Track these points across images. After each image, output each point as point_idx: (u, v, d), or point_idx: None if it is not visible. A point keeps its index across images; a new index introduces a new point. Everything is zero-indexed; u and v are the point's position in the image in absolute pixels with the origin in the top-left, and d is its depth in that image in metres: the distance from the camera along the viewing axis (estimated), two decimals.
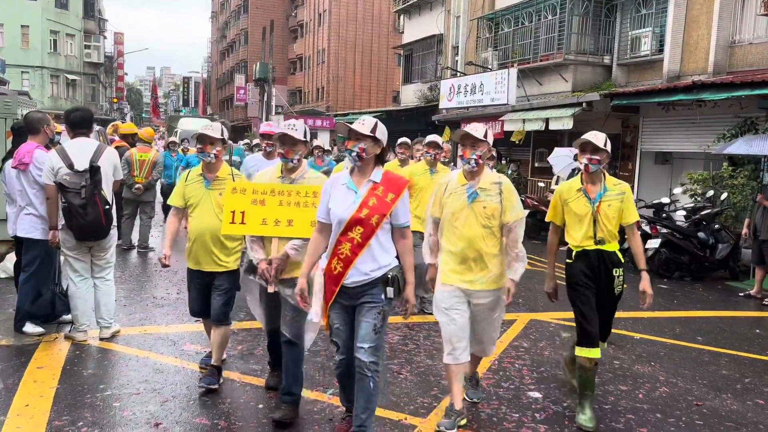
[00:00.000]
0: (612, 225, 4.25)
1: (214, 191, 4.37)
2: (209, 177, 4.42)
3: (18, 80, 38.72)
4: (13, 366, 4.76)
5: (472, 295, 3.98)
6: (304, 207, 3.91)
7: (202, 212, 4.37)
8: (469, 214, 3.91)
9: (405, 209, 3.56)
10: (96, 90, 50.99)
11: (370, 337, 3.44)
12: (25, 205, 5.37)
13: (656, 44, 14.65)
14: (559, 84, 16.76)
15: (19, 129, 5.87)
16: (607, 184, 4.30)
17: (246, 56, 58.09)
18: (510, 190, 3.96)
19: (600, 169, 4.24)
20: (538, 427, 4.15)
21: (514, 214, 3.92)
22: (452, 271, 3.99)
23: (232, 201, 3.99)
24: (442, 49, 24.14)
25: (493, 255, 3.96)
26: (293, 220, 3.92)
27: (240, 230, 4.04)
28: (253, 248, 4.07)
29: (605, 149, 4.21)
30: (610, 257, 4.24)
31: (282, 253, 3.96)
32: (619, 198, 4.26)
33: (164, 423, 3.91)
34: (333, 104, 45.26)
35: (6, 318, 5.86)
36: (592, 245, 4.23)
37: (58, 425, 3.81)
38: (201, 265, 4.43)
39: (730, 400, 4.76)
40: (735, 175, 10.91)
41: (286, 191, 3.95)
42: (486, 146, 3.93)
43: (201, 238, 4.36)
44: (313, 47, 50.17)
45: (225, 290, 4.45)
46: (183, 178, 4.56)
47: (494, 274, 3.97)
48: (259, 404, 4.25)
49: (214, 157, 4.38)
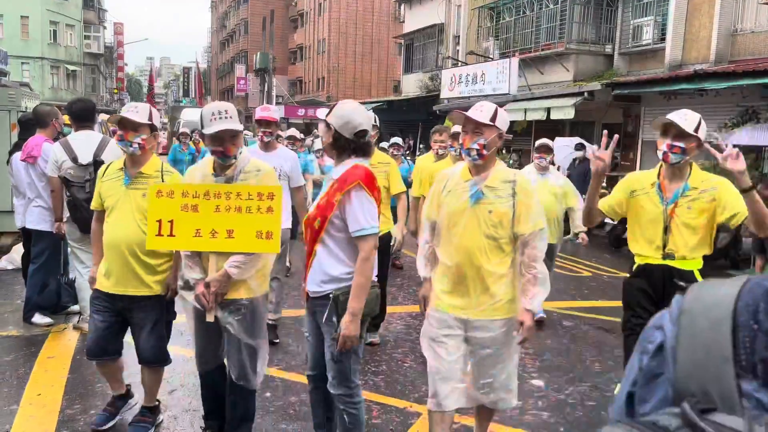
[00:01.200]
0: (691, 235, 3.32)
1: (135, 191, 3.43)
2: (131, 173, 3.46)
3: (18, 71, 38.65)
4: (24, 356, 4.84)
5: (468, 325, 3.02)
6: (247, 213, 3.13)
7: (120, 217, 3.43)
8: (471, 219, 2.99)
9: (357, 214, 2.81)
10: (96, 81, 50.93)
11: (332, 367, 2.94)
12: (34, 197, 5.43)
13: (658, 33, 14.63)
14: (561, 73, 16.75)
15: (27, 122, 5.92)
16: (692, 180, 3.36)
17: (246, 46, 57.91)
18: (527, 193, 3.00)
19: (686, 160, 3.30)
20: (541, 414, 4.22)
21: (531, 224, 2.96)
22: (445, 293, 3.08)
23: (158, 207, 3.16)
24: (443, 39, 24.11)
25: (498, 275, 2.99)
26: (234, 231, 3.14)
27: (169, 244, 3.24)
28: (189, 265, 3.28)
29: (695, 135, 3.24)
30: (682, 277, 3.22)
31: (221, 273, 3.16)
32: (707, 196, 3.29)
33: (173, 411, 3.98)
34: (333, 94, 45.17)
35: (14, 309, 5.94)
36: (659, 259, 3.36)
37: (70, 414, 3.89)
38: (116, 286, 3.44)
39: None
40: None
41: (224, 193, 3.13)
42: (495, 132, 2.98)
43: (116, 250, 3.40)
44: (313, 37, 50.01)
45: (154, 322, 3.53)
46: (100, 173, 3.62)
47: (499, 301, 3.00)
48: (266, 392, 4.32)
49: (139, 147, 3.41)
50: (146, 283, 3.46)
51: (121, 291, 3.45)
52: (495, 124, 2.96)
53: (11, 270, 7.43)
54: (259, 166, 3.36)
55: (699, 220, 3.27)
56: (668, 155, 3.25)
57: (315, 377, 3.14)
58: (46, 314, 5.58)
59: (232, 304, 3.23)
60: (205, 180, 3.26)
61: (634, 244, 3.52)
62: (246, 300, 3.26)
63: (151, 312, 3.51)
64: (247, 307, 3.27)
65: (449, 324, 3.03)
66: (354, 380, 3.00)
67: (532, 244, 2.96)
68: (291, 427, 3.83)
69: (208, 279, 3.18)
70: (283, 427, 3.83)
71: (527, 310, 2.96)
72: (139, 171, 3.47)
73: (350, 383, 2.98)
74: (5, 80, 15.27)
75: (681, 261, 3.30)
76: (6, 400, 4.07)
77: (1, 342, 5.14)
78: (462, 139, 3.02)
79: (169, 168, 3.62)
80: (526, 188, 3.00)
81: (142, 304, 3.48)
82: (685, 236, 3.30)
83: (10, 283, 6.92)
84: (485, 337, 3.00)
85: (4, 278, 7.14)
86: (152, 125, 3.49)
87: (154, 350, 3.56)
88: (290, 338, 5.49)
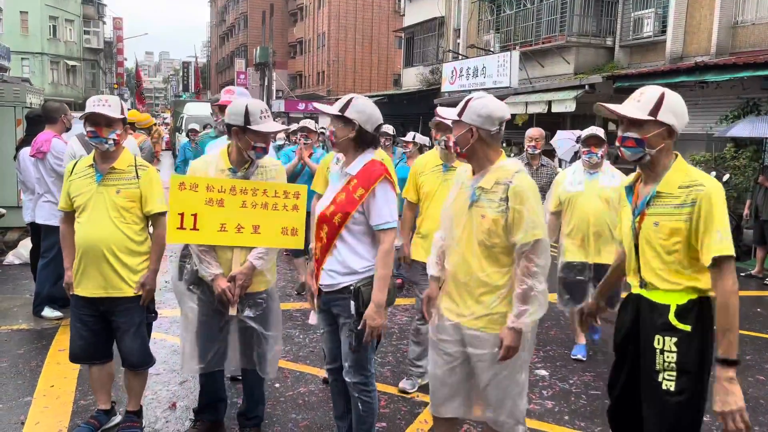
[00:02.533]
0: (660, 258, 2.42)
1: (109, 188, 3.30)
2: (102, 168, 3.32)
3: (18, 67, 38.63)
4: (36, 348, 4.91)
5: (463, 333, 2.77)
6: (273, 210, 3.19)
7: (94, 216, 3.29)
8: (468, 223, 2.73)
9: (382, 208, 2.88)
10: (96, 76, 50.90)
11: (348, 357, 3.00)
12: (44, 192, 5.48)
13: (659, 25, 14.65)
14: (562, 66, 16.77)
15: (34, 118, 5.97)
16: (665, 184, 2.42)
17: (246, 40, 57.86)
18: (520, 198, 2.60)
19: (652, 155, 2.44)
20: (546, 403, 4.29)
21: (522, 234, 2.58)
22: (444, 295, 2.89)
23: (180, 200, 3.15)
24: (443, 32, 24.10)
25: (492, 287, 2.68)
26: (260, 226, 3.19)
27: (191, 238, 3.20)
28: (204, 260, 3.22)
29: (654, 119, 2.42)
30: (651, 311, 2.45)
31: (247, 266, 3.20)
32: (682, 211, 2.34)
33: (185, 402, 4.05)
34: (333, 88, 45.16)
35: (23, 303, 6.01)
36: (636, 287, 2.55)
37: (84, 404, 3.96)
38: (97, 288, 3.33)
39: None
40: (737, 156, 11.00)
41: (251, 189, 3.18)
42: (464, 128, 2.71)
43: (92, 252, 3.27)
44: (313, 30, 49.95)
45: (137, 325, 3.43)
46: (67, 170, 3.45)
47: (495, 314, 2.69)
48: (275, 383, 4.38)
49: (114, 143, 3.30)
50: (127, 283, 3.35)
51: (101, 294, 3.33)
52: (462, 119, 2.70)
53: (18, 264, 7.50)
54: (274, 162, 3.43)
55: (668, 237, 2.37)
56: (621, 150, 2.49)
57: (335, 370, 3.19)
58: (56, 308, 5.64)
59: (252, 298, 3.28)
60: (221, 174, 3.26)
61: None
62: (264, 293, 3.36)
63: (134, 314, 3.41)
64: (265, 299, 3.36)
65: (446, 329, 2.83)
66: (370, 369, 3.08)
67: (528, 257, 2.58)
68: (301, 417, 3.89)
69: (234, 273, 3.20)
70: (293, 417, 3.90)
71: (510, 329, 2.59)
72: (111, 167, 3.33)
73: (366, 372, 3.05)
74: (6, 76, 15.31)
75: (653, 292, 2.44)
76: (20, 391, 4.14)
77: (13, 335, 5.21)
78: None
79: (142, 162, 3.47)
80: (519, 192, 2.60)
81: (123, 307, 3.37)
82: (649, 258, 2.44)
83: (17, 277, 6.98)
84: (479, 350, 2.72)
85: (11, 273, 7.20)
86: (124, 119, 3.38)
87: (139, 353, 3.47)
88: (298, 330, 5.56)
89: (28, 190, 5.89)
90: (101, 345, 3.48)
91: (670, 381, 2.38)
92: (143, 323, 3.49)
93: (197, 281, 3.29)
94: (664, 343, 2.38)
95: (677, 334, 2.36)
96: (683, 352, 2.37)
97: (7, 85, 8.81)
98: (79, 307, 3.40)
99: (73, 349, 3.49)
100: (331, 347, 3.17)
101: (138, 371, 3.54)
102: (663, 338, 2.38)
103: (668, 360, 2.37)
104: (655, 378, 2.40)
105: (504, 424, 2.78)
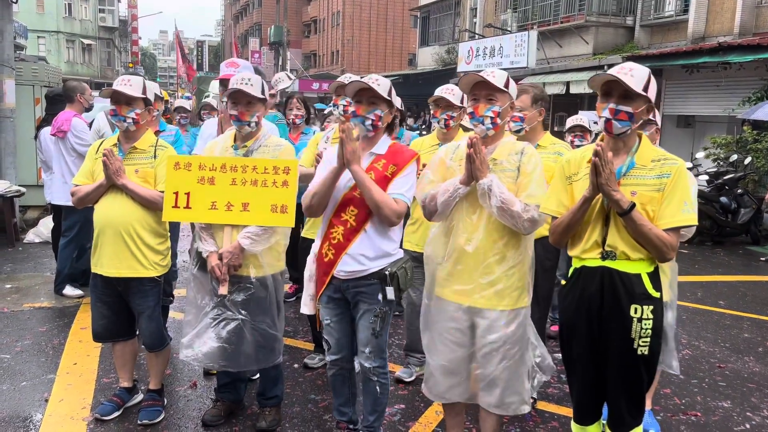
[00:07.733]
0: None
1: (129, 167, 3.35)
2: (125, 148, 3.41)
3: (34, 45, 38.75)
4: (58, 327, 4.97)
5: (472, 313, 2.81)
6: (262, 186, 3.14)
7: (112, 195, 3.35)
8: (476, 196, 2.76)
9: (404, 183, 2.90)
10: (111, 54, 51.01)
11: (370, 342, 2.97)
12: (63, 172, 5.51)
13: (681, 4, 14.37)
14: (580, 46, 16.54)
15: (54, 97, 5.99)
16: (640, 156, 2.53)
17: (260, 19, 57.52)
18: (530, 162, 2.75)
19: (633, 129, 2.52)
20: (564, 387, 4.28)
21: (525, 195, 2.69)
22: (445, 278, 2.88)
23: (176, 179, 3.18)
24: (459, 11, 23.82)
25: (502, 257, 2.76)
26: (249, 204, 3.16)
27: (184, 216, 3.27)
28: (203, 238, 3.27)
29: (645, 95, 2.46)
30: (624, 283, 2.50)
31: (234, 245, 3.15)
32: (656, 184, 2.47)
33: (206, 381, 4.09)
34: (348, 68, 44.90)
35: (45, 281, 6.08)
36: (597, 260, 2.55)
37: (106, 382, 4.01)
38: (111, 268, 3.36)
39: (752, 363, 4.85)
40: (759, 139, 10.82)
41: (240, 166, 3.15)
42: (508, 100, 2.79)
43: (111, 230, 3.32)
44: (327, 9, 49.54)
45: (153, 307, 3.47)
46: (92, 149, 3.53)
47: (503, 288, 2.76)
48: (294, 364, 4.41)
49: (133, 122, 3.36)
50: (143, 264, 3.36)
51: (116, 273, 3.35)
52: (508, 91, 2.78)
53: (38, 243, 7.58)
54: (279, 142, 3.38)
55: (643, 213, 2.45)
56: (612, 123, 2.46)
57: (340, 360, 3.12)
58: (77, 286, 5.70)
59: (239, 282, 3.20)
60: (224, 153, 3.29)
61: (571, 243, 2.65)
62: (254, 278, 3.22)
63: (149, 297, 3.43)
64: (255, 285, 3.22)
65: (452, 315, 2.83)
66: (386, 351, 3.09)
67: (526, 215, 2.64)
68: (320, 398, 3.92)
69: (221, 250, 3.17)
70: (312, 398, 3.92)
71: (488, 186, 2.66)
72: (133, 146, 3.40)
73: (385, 354, 3.06)
74: (24, 54, 15.36)
75: (623, 262, 2.50)
76: (43, 369, 4.20)
77: (35, 313, 5.28)
78: (473, 107, 2.79)
79: (163, 143, 3.51)
80: (531, 158, 2.75)
81: (139, 288, 3.39)
82: (621, 227, 2.49)
83: (38, 255, 7.07)
84: (488, 327, 2.76)
85: (32, 251, 7.29)
86: (146, 99, 3.41)
87: (155, 335, 3.52)
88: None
89: (49, 169, 5.93)
90: (123, 323, 3.53)
91: (644, 346, 2.52)
92: (158, 305, 3.52)
93: (202, 262, 3.29)
94: (642, 311, 2.49)
95: (653, 302, 2.51)
96: (658, 318, 2.53)
97: (25, 64, 8.83)
98: (99, 287, 3.45)
99: (95, 329, 3.55)
100: (339, 337, 3.08)
101: (156, 351, 3.60)
102: (642, 307, 2.49)
103: (645, 327, 2.50)
104: (630, 345, 2.51)
105: (511, 405, 2.84)
